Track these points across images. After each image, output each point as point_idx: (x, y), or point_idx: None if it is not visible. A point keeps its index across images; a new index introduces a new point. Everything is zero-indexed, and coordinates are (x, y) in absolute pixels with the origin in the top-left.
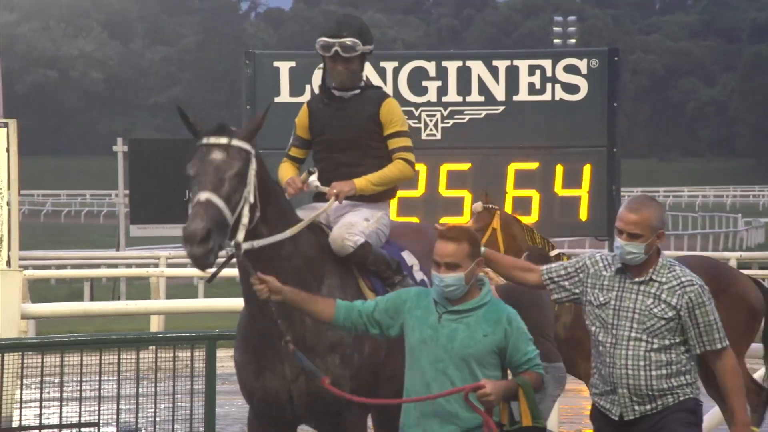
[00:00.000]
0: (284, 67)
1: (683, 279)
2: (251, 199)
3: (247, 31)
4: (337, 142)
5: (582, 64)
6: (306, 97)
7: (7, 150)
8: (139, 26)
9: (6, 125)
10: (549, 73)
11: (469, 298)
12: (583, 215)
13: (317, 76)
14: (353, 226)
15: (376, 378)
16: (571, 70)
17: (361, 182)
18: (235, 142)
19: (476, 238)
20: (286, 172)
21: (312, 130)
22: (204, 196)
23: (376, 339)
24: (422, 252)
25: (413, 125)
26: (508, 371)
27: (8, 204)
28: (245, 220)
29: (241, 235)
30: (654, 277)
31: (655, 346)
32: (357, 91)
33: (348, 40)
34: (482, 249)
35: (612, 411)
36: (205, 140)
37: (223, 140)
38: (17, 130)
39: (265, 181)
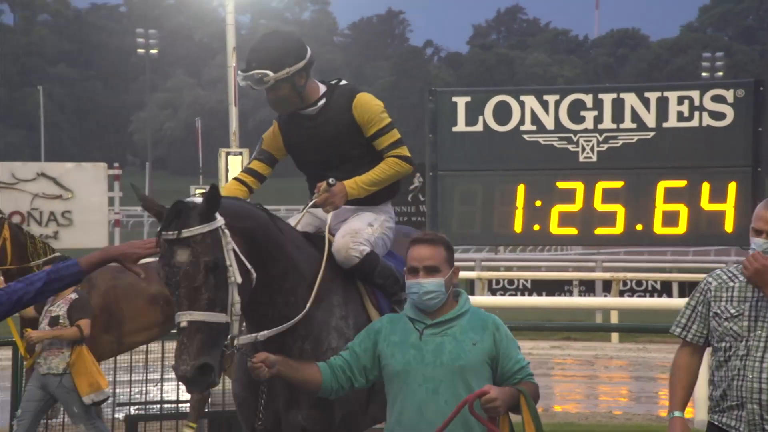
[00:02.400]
0: (461, 101)
1: None
2: (238, 280)
3: (430, 72)
4: (325, 160)
5: (728, 94)
6: (479, 127)
7: None
8: (345, 71)
9: (240, 153)
10: (697, 103)
11: (448, 309)
12: (729, 227)
13: (489, 108)
14: (358, 234)
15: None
16: (717, 99)
17: (352, 187)
18: (195, 230)
19: (451, 245)
20: (228, 189)
21: (289, 150)
22: (184, 319)
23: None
24: None
25: (572, 149)
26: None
27: None
28: (237, 307)
29: (236, 328)
30: None
31: None
32: (321, 103)
33: (256, 73)
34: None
35: (738, 428)
36: (163, 234)
37: (184, 233)
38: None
39: (256, 244)
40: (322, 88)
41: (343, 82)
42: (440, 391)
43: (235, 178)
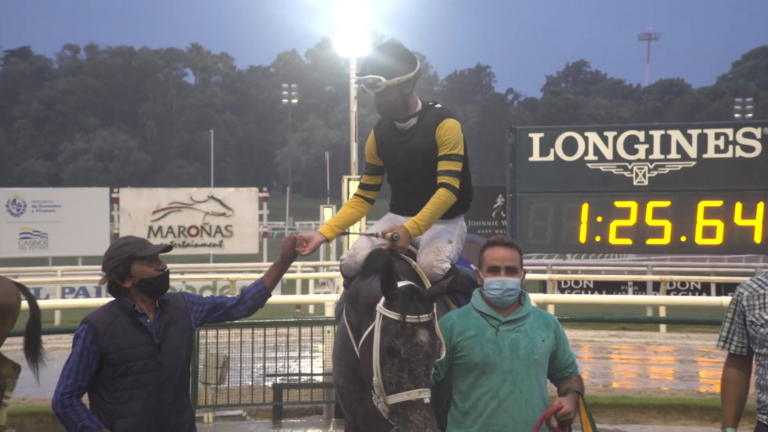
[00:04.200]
0: (536, 137)
1: None
2: (441, 356)
3: (511, 114)
4: (402, 172)
5: (756, 131)
6: (551, 157)
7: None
8: None
9: (359, 179)
10: (731, 138)
11: (516, 307)
12: (758, 239)
13: (559, 142)
14: (440, 252)
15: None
16: (748, 135)
17: (413, 227)
18: (432, 312)
19: (522, 250)
20: (345, 212)
21: (381, 156)
22: (426, 396)
23: None
24: (475, 262)
25: (627, 175)
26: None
27: None
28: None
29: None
30: None
31: None
32: (414, 120)
33: (369, 78)
34: None
35: None
36: (410, 318)
37: (429, 317)
38: None
39: None
40: (420, 105)
41: (438, 105)
42: (517, 382)
43: (355, 195)
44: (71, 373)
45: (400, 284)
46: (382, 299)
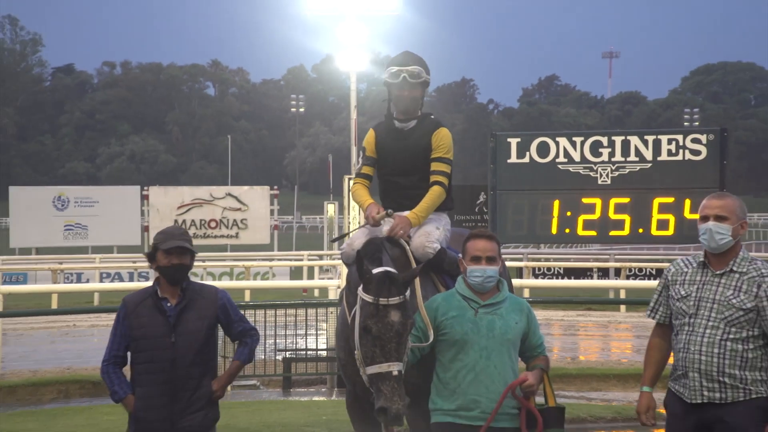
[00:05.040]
0: (513, 142)
1: (763, 271)
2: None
3: (491, 121)
4: (399, 168)
5: (703, 138)
6: (526, 159)
7: None
8: None
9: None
10: (681, 143)
11: (494, 293)
12: None
13: (534, 146)
14: (430, 235)
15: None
16: (695, 141)
17: (414, 218)
18: (404, 295)
19: (500, 241)
20: (362, 194)
21: (377, 153)
22: (395, 368)
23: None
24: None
25: (592, 175)
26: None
27: None
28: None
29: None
30: (735, 268)
31: (731, 336)
32: (414, 122)
33: (414, 68)
34: None
35: (683, 394)
36: (383, 301)
37: (400, 299)
38: None
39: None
40: (420, 112)
41: (433, 116)
42: (492, 357)
43: (359, 181)
44: (109, 344)
45: (376, 270)
46: (361, 284)
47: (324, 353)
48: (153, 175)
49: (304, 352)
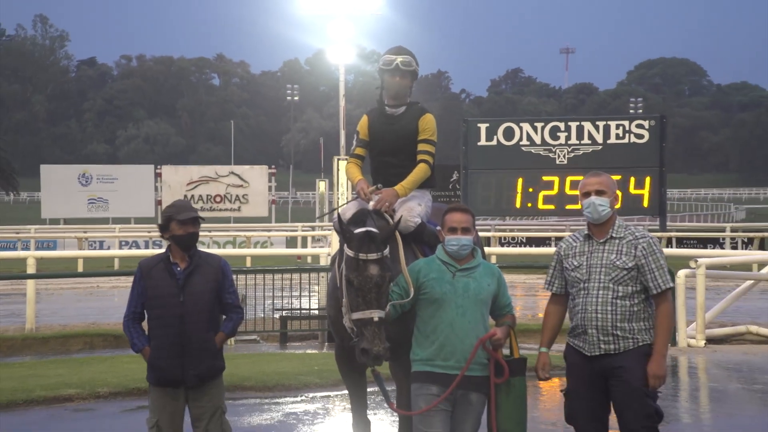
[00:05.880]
0: (483, 127)
1: (637, 234)
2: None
3: (463, 109)
4: (388, 149)
5: (646, 123)
6: (494, 142)
7: None
8: None
9: (346, 159)
10: (627, 128)
11: (470, 259)
12: (646, 204)
13: (500, 131)
14: (412, 210)
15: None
16: (639, 126)
17: (401, 189)
18: (385, 252)
19: (474, 214)
20: (354, 172)
21: (369, 136)
22: (376, 315)
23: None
24: (440, 224)
25: (551, 156)
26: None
27: None
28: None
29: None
30: (614, 235)
31: (620, 293)
32: (404, 109)
33: (406, 58)
34: None
35: (583, 348)
36: (362, 256)
37: (378, 255)
38: None
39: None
40: (408, 100)
41: (420, 104)
42: (466, 315)
43: (352, 161)
44: (129, 302)
45: (358, 230)
46: (345, 242)
47: (316, 312)
48: (165, 156)
49: (299, 311)
